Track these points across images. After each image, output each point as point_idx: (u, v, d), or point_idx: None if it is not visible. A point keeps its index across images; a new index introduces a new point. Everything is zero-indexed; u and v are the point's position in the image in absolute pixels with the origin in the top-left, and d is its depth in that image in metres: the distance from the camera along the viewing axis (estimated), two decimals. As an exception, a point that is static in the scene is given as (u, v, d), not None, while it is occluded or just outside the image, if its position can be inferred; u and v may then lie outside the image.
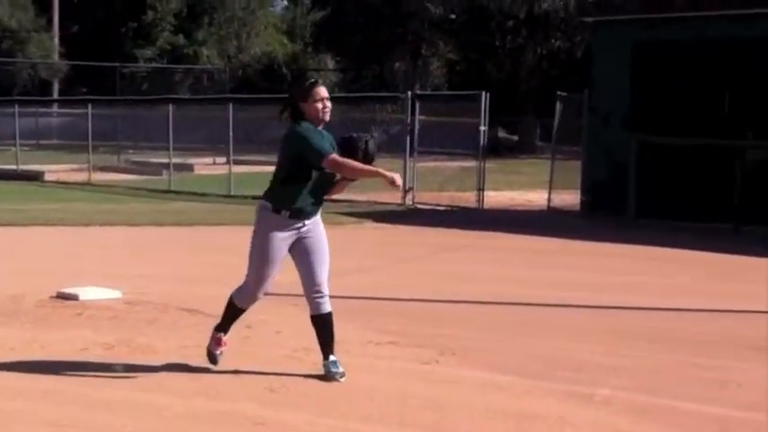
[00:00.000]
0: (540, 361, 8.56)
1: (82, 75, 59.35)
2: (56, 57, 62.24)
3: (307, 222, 7.72)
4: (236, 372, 7.87)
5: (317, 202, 7.77)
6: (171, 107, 30.56)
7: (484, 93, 24.04)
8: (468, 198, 24.37)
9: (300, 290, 11.30)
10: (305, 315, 10.35)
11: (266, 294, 7.93)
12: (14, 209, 22.21)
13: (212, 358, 7.99)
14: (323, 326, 7.87)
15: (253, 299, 7.92)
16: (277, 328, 9.63)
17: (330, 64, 57.16)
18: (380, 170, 7.54)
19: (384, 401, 7.16)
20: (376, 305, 11.27)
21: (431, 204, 24.21)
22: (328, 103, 7.67)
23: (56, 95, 60.01)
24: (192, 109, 37.78)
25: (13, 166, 34.63)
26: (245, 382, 7.65)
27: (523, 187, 28.53)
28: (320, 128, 7.69)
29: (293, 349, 8.68)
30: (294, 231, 7.70)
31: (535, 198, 25.48)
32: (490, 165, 25.65)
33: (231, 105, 28.51)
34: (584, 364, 8.45)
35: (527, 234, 18.46)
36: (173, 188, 28.39)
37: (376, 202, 24.28)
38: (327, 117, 7.68)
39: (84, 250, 16.07)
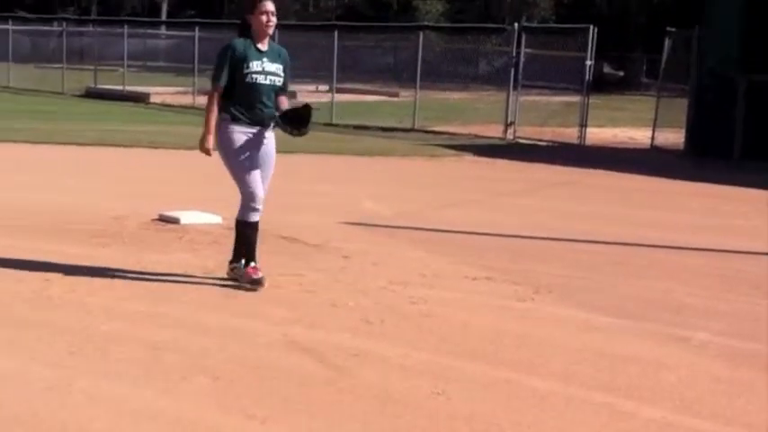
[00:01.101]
0: (638, 302, 8.46)
1: (189, -2, 59.68)
2: (164, -21, 62.64)
3: (263, 129, 8.14)
4: (331, 303, 7.91)
5: (268, 111, 8.11)
6: (276, 33, 30.51)
7: (592, 26, 23.71)
8: (570, 134, 24.14)
9: (399, 221, 11.33)
10: (404, 247, 10.39)
11: (364, 225, 7.94)
12: (120, 129, 22.51)
13: (260, 282, 8.17)
14: (247, 231, 8.21)
15: (255, 207, 8.18)
16: (374, 259, 9.64)
17: (436, -6, 56.61)
18: (208, 134, 7.97)
19: (478, 337, 7.13)
20: (473, 239, 11.21)
21: (532, 139, 24.02)
22: (273, 18, 8.08)
23: (164, 18, 60.49)
24: (296, 35, 37.76)
25: (120, 87, 35.03)
26: (340, 312, 7.67)
27: (627, 124, 28.20)
28: (266, 41, 8.12)
29: (390, 281, 8.69)
30: (254, 135, 8.09)
31: (638, 136, 25.17)
32: (594, 100, 25.36)
33: (336, 33, 28.48)
34: (683, 306, 8.34)
35: (629, 172, 18.25)
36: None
37: (476, 136, 24.17)
38: (271, 30, 8.13)
39: (187, 174, 16.21)
